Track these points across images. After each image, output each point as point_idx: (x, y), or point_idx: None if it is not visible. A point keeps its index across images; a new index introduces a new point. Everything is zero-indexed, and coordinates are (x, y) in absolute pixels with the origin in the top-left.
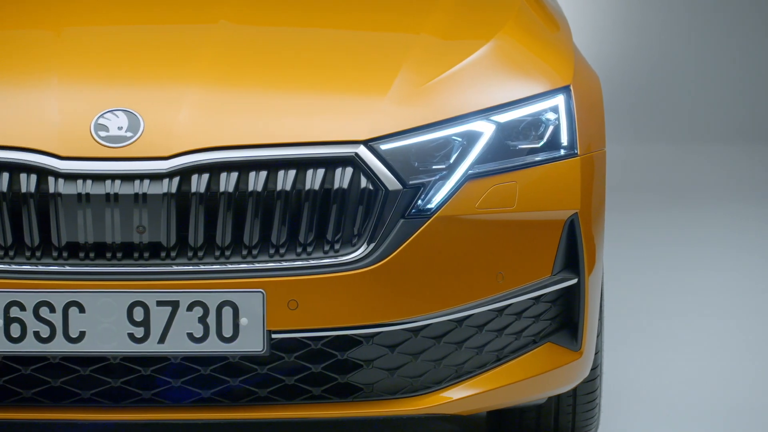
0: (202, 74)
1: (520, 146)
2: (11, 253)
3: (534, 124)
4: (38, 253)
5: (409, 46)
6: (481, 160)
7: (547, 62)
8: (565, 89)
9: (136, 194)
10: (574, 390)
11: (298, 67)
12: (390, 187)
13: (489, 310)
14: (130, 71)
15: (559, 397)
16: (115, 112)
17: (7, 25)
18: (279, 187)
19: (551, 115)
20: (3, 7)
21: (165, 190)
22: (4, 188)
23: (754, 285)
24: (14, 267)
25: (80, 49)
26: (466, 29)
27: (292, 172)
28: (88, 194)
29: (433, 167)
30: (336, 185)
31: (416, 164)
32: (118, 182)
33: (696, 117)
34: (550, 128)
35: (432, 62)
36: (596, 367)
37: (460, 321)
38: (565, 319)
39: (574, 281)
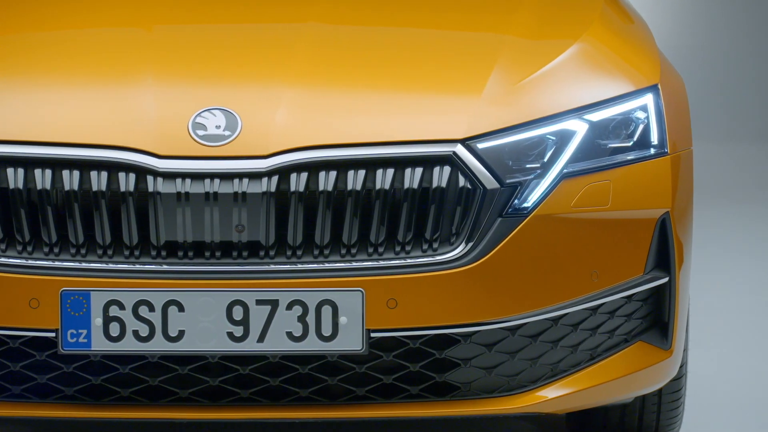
0: (296, 73)
1: (610, 145)
2: (110, 252)
3: (624, 123)
4: (137, 252)
5: (498, 45)
6: (574, 159)
7: (633, 61)
8: (653, 88)
9: (236, 193)
10: (660, 388)
11: (391, 66)
12: (488, 186)
13: (583, 309)
14: (224, 70)
15: (644, 395)
16: (212, 110)
17: (97, 23)
18: (377, 186)
19: (641, 114)
20: (91, 7)
21: (264, 189)
22: (103, 187)
23: None
24: (113, 266)
25: (172, 47)
26: (551, 29)
27: (390, 171)
28: (187, 193)
29: (527, 166)
30: (434, 184)
31: (510, 163)
32: (217, 181)
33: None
34: (640, 127)
35: (523, 62)
36: (682, 366)
37: (555, 320)
38: (656, 317)
39: (665, 280)
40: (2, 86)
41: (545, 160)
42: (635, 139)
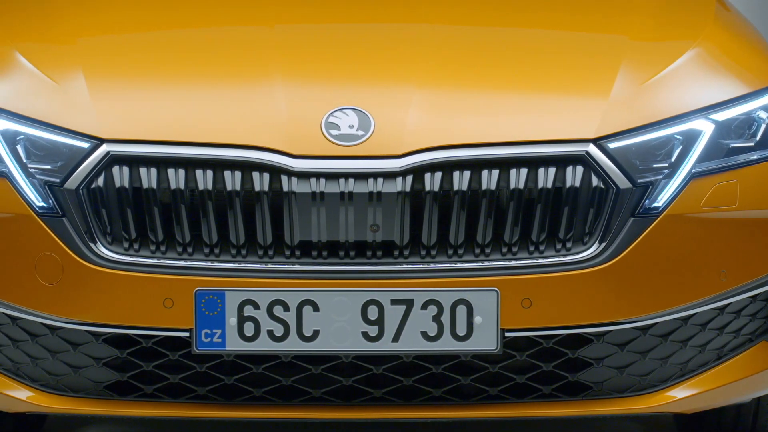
0: (424, 73)
1: (733, 145)
2: (243, 252)
3: (746, 123)
4: (270, 252)
5: (621, 46)
6: (702, 158)
7: (751, 62)
8: None
9: (370, 192)
10: None
11: (517, 66)
12: (621, 186)
13: (711, 309)
14: (353, 69)
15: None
16: (344, 110)
17: (215, 23)
18: (511, 186)
19: (762, 114)
20: (212, 7)
21: (398, 188)
22: (237, 187)
23: None
24: (247, 266)
25: (297, 46)
26: (668, 30)
27: (523, 171)
28: (322, 192)
29: (654, 166)
30: (567, 184)
31: (638, 163)
32: (351, 180)
33: None
34: (762, 126)
35: (645, 63)
36: None
37: (685, 319)
38: None
39: None
40: (133, 86)
41: (673, 159)
42: (758, 138)
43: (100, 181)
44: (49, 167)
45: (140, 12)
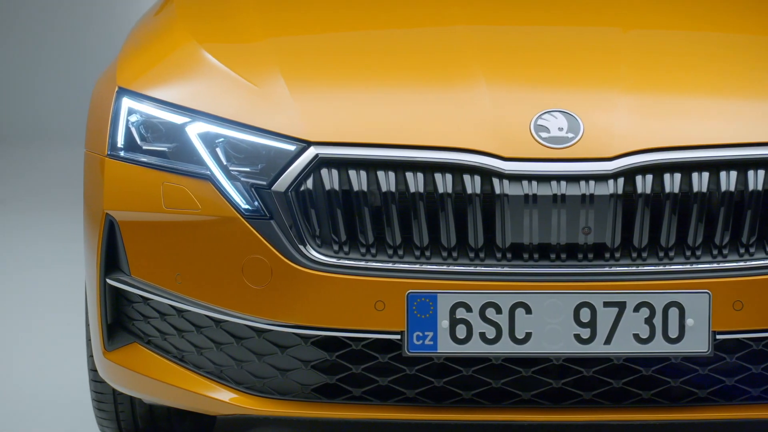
0: (625, 76)
1: None
2: (454, 255)
3: None
4: (481, 255)
5: None
6: None
7: None
8: None
9: (583, 195)
10: None
11: (708, 69)
12: None
13: None
14: (555, 72)
15: None
16: (552, 113)
17: (401, 22)
18: (722, 188)
19: None
20: (387, 7)
21: (611, 191)
22: (449, 190)
23: None
24: (458, 268)
25: (495, 48)
26: None
27: (734, 173)
28: (534, 195)
29: None
30: None
31: None
32: (563, 183)
33: None
34: None
35: None
36: None
37: None
38: None
39: None
40: (335, 88)
41: None
42: None
43: (309, 183)
44: (248, 169)
45: (320, 12)
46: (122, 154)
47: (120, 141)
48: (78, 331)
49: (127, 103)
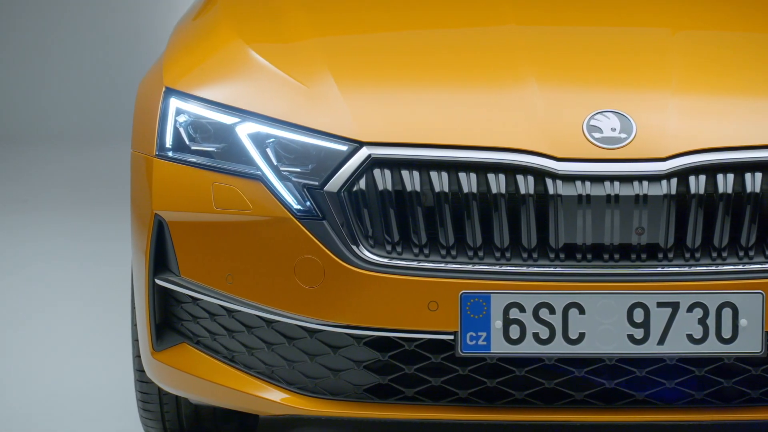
0: (676, 76)
1: None
2: (507, 255)
3: None
4: (534, 255)
5: None
6: None
7: None
8: None
9: (636, 195)
10: None
11: (757, 69)
12: None
13: None
14: (605, 73)
15: None
16: (605, 113)
17: (444, 23)
18: None
19: None
20: (427, 7)
21: (664, 191)
22: (503, 190)
23: None
24: (512, 269)
25: (544, 48)
26: None
27: None
28: (588, 195)
29: None
30: None
31: None
32: (617, 183)
33: None
34: None
35: None
36: None
37: None
38: None
39: None
40: (385, 88)
41: None
42: None
43: (362, 183)
44: (299, 170)
45: (367, 11)
46: (171, 154)
47: (168, 141)
48: (123, 331)
49: (174, 103)
